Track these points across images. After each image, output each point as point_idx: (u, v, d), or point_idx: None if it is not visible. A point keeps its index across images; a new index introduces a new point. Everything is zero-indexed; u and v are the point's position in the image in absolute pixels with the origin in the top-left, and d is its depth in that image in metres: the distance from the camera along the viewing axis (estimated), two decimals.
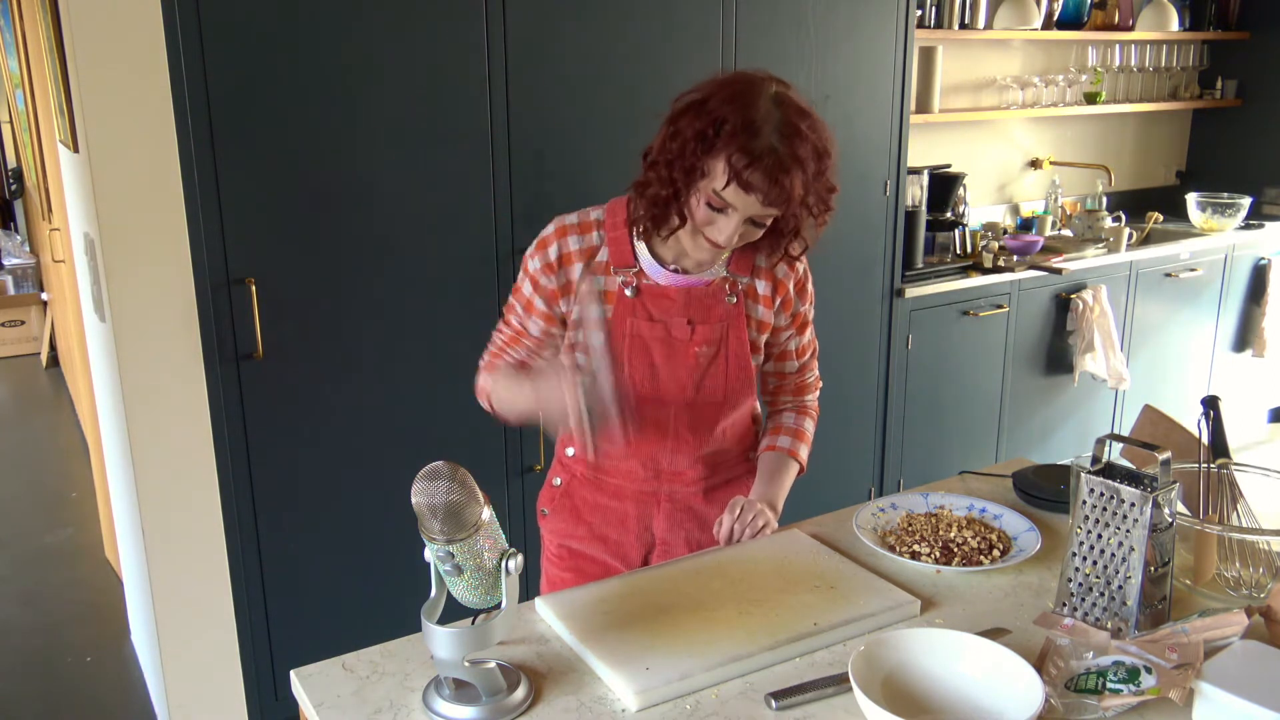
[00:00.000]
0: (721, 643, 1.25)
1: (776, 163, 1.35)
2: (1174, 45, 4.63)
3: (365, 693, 1.19)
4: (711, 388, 1.59)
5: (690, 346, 1.56)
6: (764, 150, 1.34)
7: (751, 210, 1.39)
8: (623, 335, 1.55)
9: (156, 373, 2.28)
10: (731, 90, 1.39)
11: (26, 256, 6.21)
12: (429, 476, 1.09)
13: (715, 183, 1.38)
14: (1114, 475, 1.29)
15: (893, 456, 3.55)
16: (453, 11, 2.42)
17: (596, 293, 1.54)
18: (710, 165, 1.38)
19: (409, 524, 1.17)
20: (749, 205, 1.38)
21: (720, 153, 1.36)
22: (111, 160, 2.16)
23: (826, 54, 3.04)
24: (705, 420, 1.61)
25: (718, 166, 1.37)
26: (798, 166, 1.36)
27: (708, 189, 1.39)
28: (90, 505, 3.86)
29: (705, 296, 1.56)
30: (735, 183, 1.36)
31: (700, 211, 1.41)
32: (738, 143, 1.35)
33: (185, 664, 2.45)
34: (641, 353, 1.56)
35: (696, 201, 1.41)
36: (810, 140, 1.38)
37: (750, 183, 1.35)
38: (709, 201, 1.40)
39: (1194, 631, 1.15)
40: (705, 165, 1.38)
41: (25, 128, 4.68)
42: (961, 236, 3.80)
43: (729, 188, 1.37)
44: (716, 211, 1.40)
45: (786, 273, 1.62)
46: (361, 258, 2.43)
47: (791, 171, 1.35)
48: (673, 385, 1.57)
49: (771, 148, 1.35)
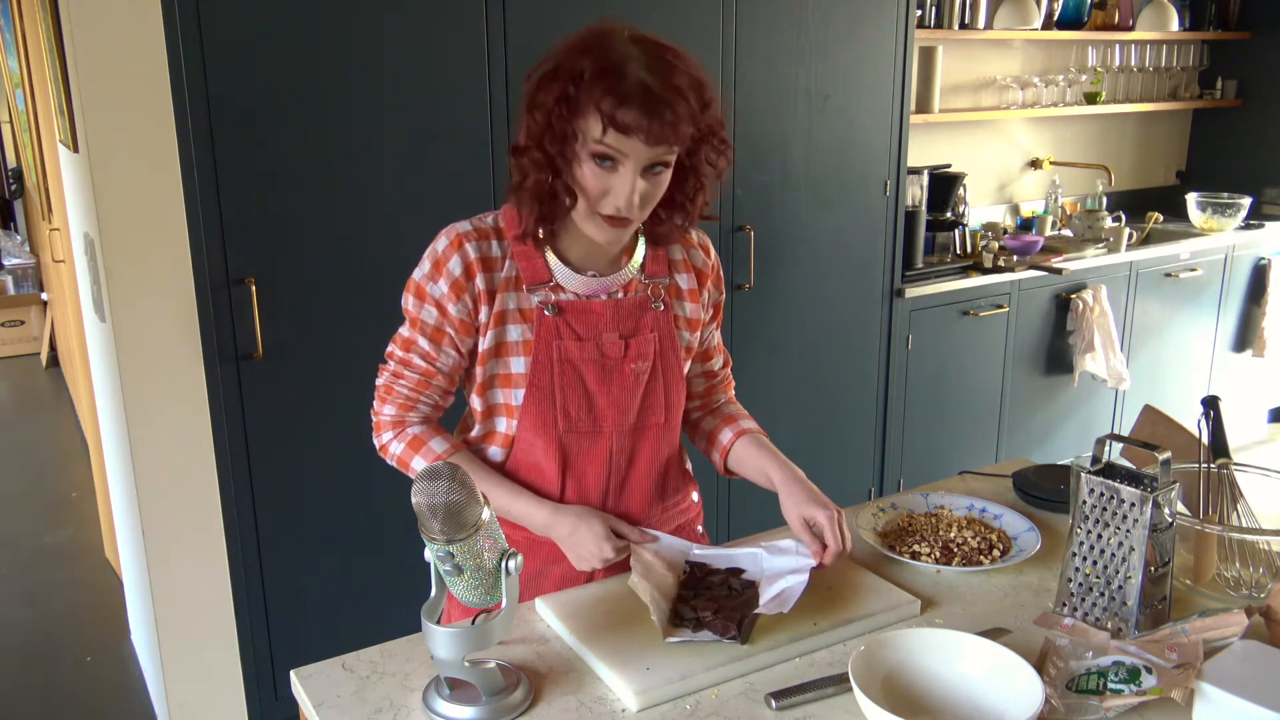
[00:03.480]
0: (721, 643, 1.25)
1: (651, 97, 1.22)
2: (1174, 45, 4.63)
3: (365, 693, 1.19)
4: (653, 408, 1.45)
5: (625, 365, 1.41)
6: (634, 87, 1.22)
7: (641, 156, 1.26)
8: (549, 362, 1.39)
9: (156, 373, 2.28)
10: (582, 44, 1.28)
11: (26, 256, 6.21)
12: (429, 476, 1.09)
13: (594, 136, 1.25)
14: (1114, 475, 1.29)
15: (893, 456, 3.55)
16: (453, 11, 2.42)
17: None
18: (582, 124, 1.26)
19: (409, 524, 1.17)
20: (636, 151, 1.25)
21: (588, 105, 1.24)
22: (111, 160, 2.16)
23: (826, 54, 3.04)
24: (650, 448, 1.47)
25: (590, 120, 1.25)
26: (676, 96, 1.24)
27: (588, 150, 1.26)
28: (90, 505, 3.86)
29: (633, 307, 1.43)
30: (612, 128, 1.23)
31: (591, 181, 1.28)
32: (602, 86, 1.23)
33: (185, 664, 2.45)
34: (573, 380, 1.40)
35: (582, 172, 1.28)
36: (682, 69, 1.26)
37: (627, 123, 1.22)
38: (595, 159, 1.27)
39: (1194, 631, 1.15)
40: (577, 126, 1.26)
41: (25, 128, 4.68)
42: (961, 236, 3.80)
43: (607, 135, 1.24)
44: (607, 172, 1.27)
45: (704, 261, 1.51)
46: (361, 258, 2.43)
47: (671, 103, 1.23)
48: (612, 412, 1.42)
49: (641, 82, 1.23)
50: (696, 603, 1.32)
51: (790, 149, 3.05)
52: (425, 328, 1.43)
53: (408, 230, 2.48)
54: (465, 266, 1.39)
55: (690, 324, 1.49)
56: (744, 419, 1.60)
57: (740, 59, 2.86)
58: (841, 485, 3.44)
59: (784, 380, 3.19)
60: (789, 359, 3.19)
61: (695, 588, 1.37)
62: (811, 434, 3.32)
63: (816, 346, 3.26)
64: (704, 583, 1.38)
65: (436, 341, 1.42)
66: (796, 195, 3.10)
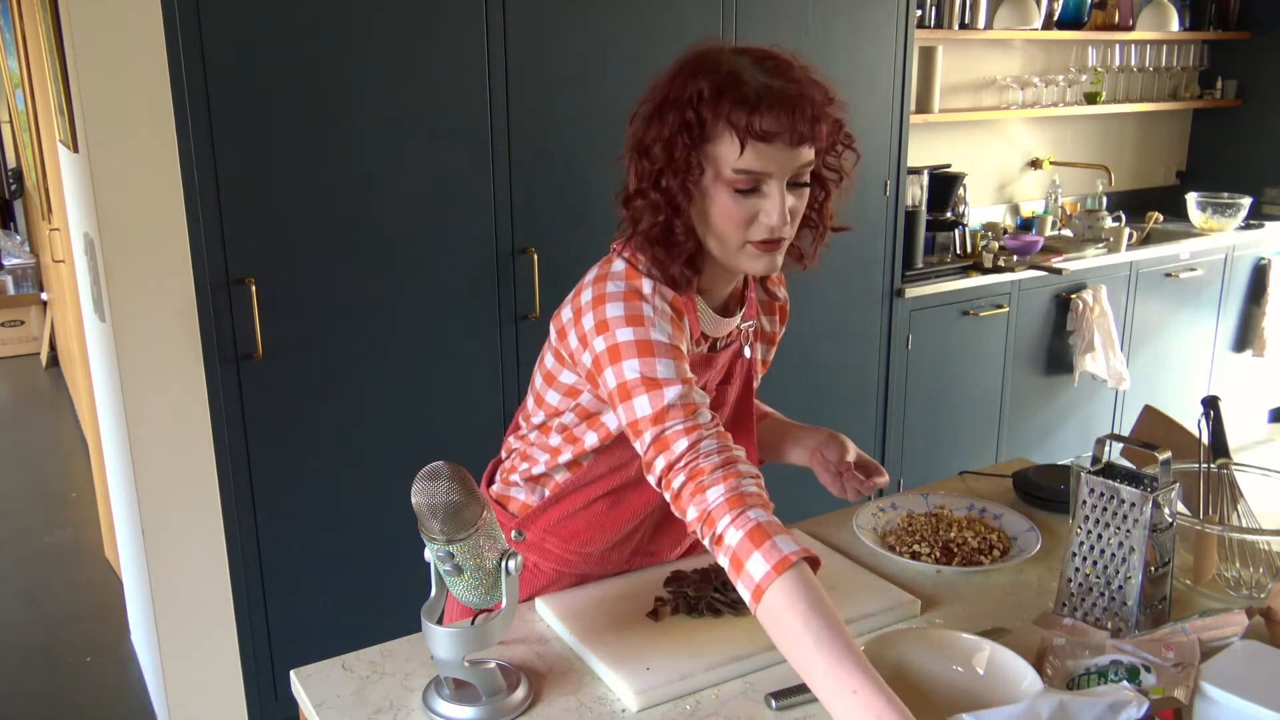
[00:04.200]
0: (721, 643, 1.25)
1: (780, 96, 1.13)
2: (1174, 45, 4.63)
3: (365, 693, 1.19)
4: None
5: None
6: (760, 91, 1.13)
7: (786, 165, 1.16)
8: None
9: (156, 373, 2.28)
10: (688, 69, 1.17)
11: (26, 256, 6.20)
12: (429, 476, 1.09)
13: (730, 160, 1.14)
14: (1114, 475, 1.29)
15: (893, 457, 3.55)
16: (453, 11, 2.42)
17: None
18: (712, 150, 1.16)
19: (409, 524, 1.17)
20: (781, 160, 1.15)
21: (717, 125, 1.14)
22: (111, 160, 2.16)
23: (826, 54, 3.04)
24: None
25: (722, 141, 1.15)
26: (807, 88, 1.15)
27: (725, 178, 1.16)
28: (90, 505, 3.86)
29: (730, 356, 1.35)
30: (751, 139, 1.12)
31: (734, 211, 1.17)
32: (729, 100, 1.13)
33: (185, 664, 2.45)
34: None
35: (719, 205, 1.18)
36: (798, 65, 1.18)
37: (767, 130, 1.12)
38: (737, 188, 1.16)
39: (1194, 631, 1.15)
40: (705, 153, 1.16)
41: (25, 128, 4.68)
42: (961, 236, 3.80)
43: (747, 151, 1.13)
44: (751, 195, 1.17)
45: (784, 295, 1.48)
46: (361, 258, 2.43)
47: (806, 96, 1.14)
48: None
49: (767, 86, 1.13)
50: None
51: None
52: (676, 351, 1.18)
53: (408, 230, 2.48)
54: (675, 308, 1.23)
55: (765, 364, 1.47)
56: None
57: None
58: None
59: (784, 380, 3.19)
60: (789, 359, 3.19)
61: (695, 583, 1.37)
62: None
63: (816, 346, 3.26)
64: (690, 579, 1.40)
65: (680, 359, 1.18)
66: None
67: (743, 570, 1.06)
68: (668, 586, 1.38)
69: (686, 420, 1.13)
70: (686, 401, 1.14)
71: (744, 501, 1.08)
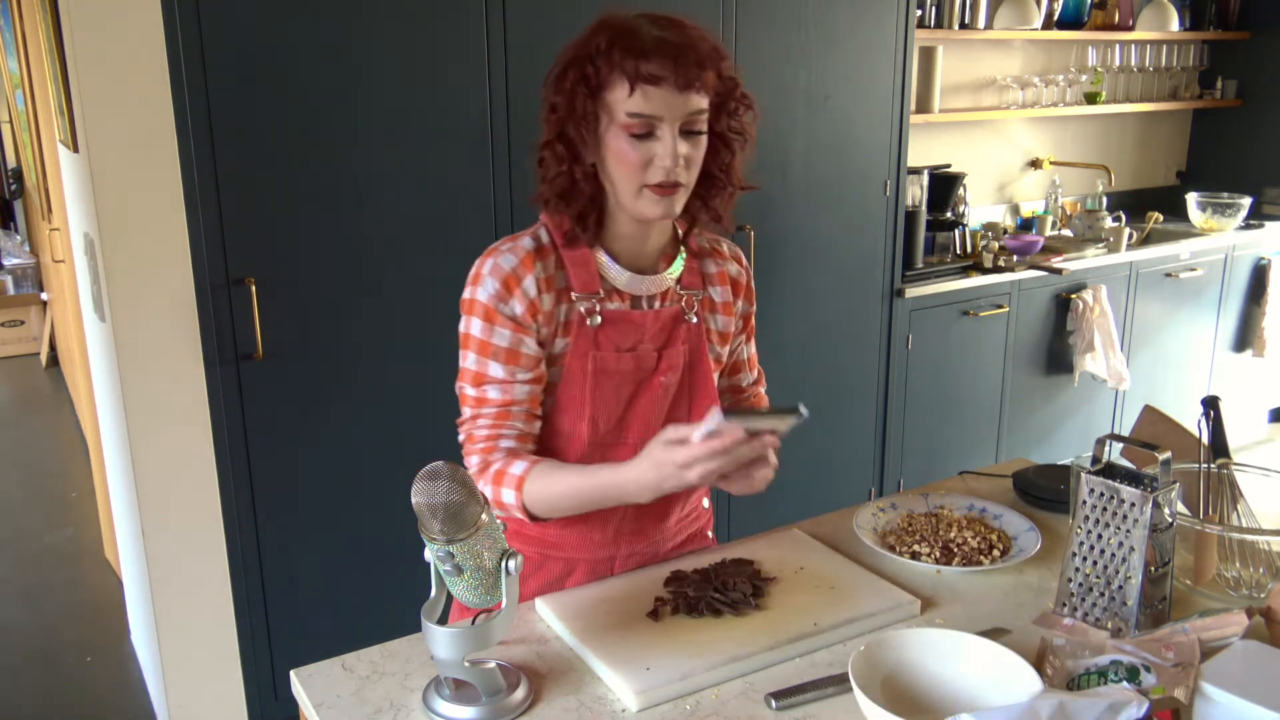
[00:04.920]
0: (721, 643, 1.25)
1: (671, 45, 1.24)
2: (1174, 45, 4.63)
3: (365, 693, 1.19)
4: (678, 420, 1.41)
5: (655, 377, 1.40)
6: (653, 42, 1.23)
7: (676, 110, 1.25)
8: (582, 373, 1.37)
9: (156, 373, 2.28)
10: (590, 30, 1.29)
11: (26, 256, 6.20)
12: (429, 476, 1.09)
13: (624, 105, 1.25)
14: (1114, 475, 1.29)
15: (893, 456, 3.55)
16: (453, 11, 2.42)
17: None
18: (608, 97, 1.26)
19: (409, 524, 1.17)
20: (670, 104, 1.25)
21: (610, 73, 1.25)
22: (111, 160, 2.16)
23: (826, 54, 3.04)
24: None
25: (616, 87, 1.25)
26: (695, 41, 1.25)
27: (620, 123, 1.26)
28: (90, 505, 3.86)
29: (668, 318, 1.41)
30: (640, 82, 1.23)
31: (631, 155, 1.26)
32: (621, 49, 1.24)
33: (185, 664, 2.45)
34: (609, 392, 1.38)
35: (618, 151, 1.27)
36: (691, 23, 1.28)
37: (653, 73, 1.23)
38: (632, 133, 1.26)
39: (1194, 631, 1.15)
40: (602, 101, 1.27)
41: (25, 128, 4.68)
42: (961, 236, 3.80)
43: (636, 94, 1.24)
44: (645, 139, 1.26)
45: (738, 271, 1.51)
46: (361, 258, 2.43)
47: (692, 45, 1.25)
48: (638, 425, 1.40)
49: (658, 37, 1.24)
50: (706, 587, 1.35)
51: (790, 149, 3.05)
52: (496, 351, 1.35)
53: (408, 230, 2.48)
54: (538, 284, 1.34)
55: (721, 337, 1.49)
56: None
57: (740, 59, 2.86)
58: (841, 485, 3.44)
59: (784, 380, 3.19)
60: (789, 359, 3.19)
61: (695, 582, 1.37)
62: (811, 434, 3.31)
63: (816, 346, 3.26)
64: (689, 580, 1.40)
65: (512, 363, 1.35)
66: (796, 195, 3.10)
67: (504, 475, 1.32)
68: (668, 586, 1.38)
69: (491, 424, 1.36)
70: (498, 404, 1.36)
71: (503, 476, 1.33)
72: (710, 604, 1.32)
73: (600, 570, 1.48)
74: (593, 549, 1.47)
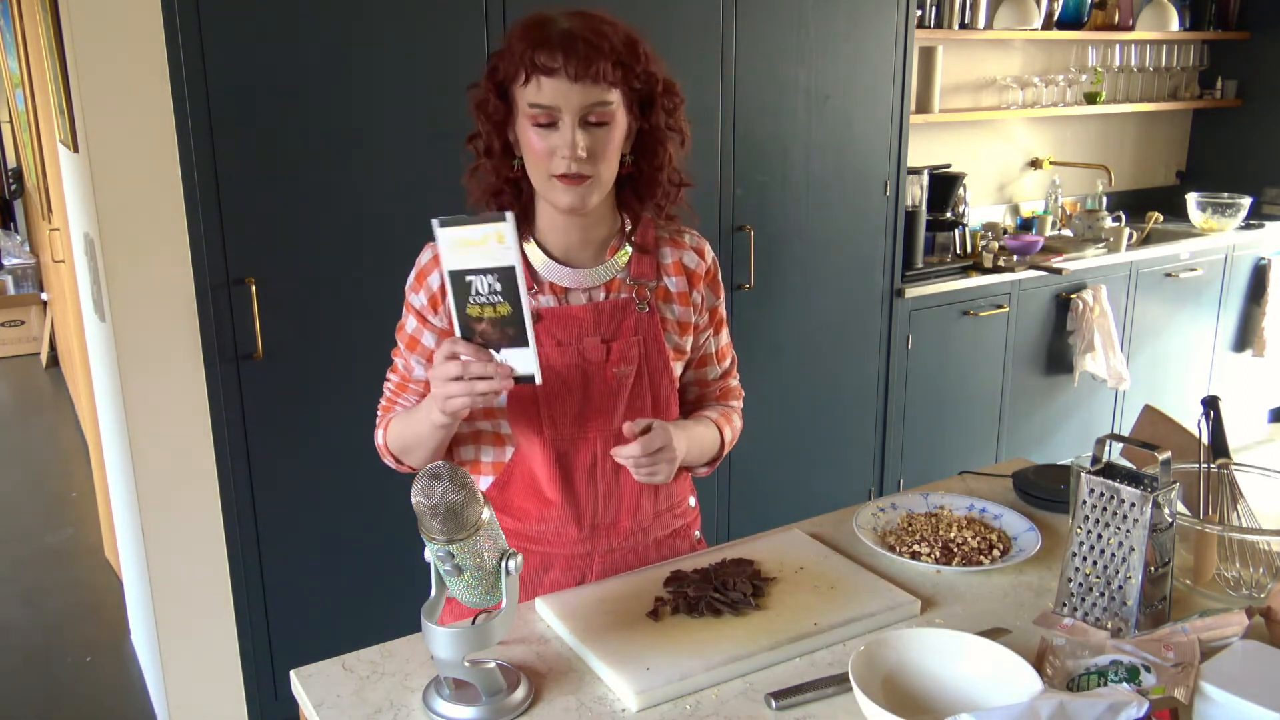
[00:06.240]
0: (721, 643, 1.25)
1: (570, 36, 1.25)
2: (1174, 45, 4.63)
3: (365, 693, 1.19)
4: (640, 411, 1.42)
5: (607, 368, 1.40)
6: (555, 35, 1.25)
7: (574, 101, 1.26)
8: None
9: (156, 373, 2.28)
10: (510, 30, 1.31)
11: (26, 256, 6.21)
12: (429, 476, 1.09)
13: (523, 95, 1.28)
14: (1114, 475, 1.29)
15: (893, 456, 3.55)
16: (453, 11, 2.42)
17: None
18: (515, 90, 1.29)
19: (409, 524, 1.17)
20: (567, 95, 1.26)
21: (514, 66, 1.27)
22: (111, 160, 2.16)
23: (826, 54, 3.04)
24: None
25: (519, 80, 1.28)
26: (596, 36, 1.26)
27: (525, 114, 1.28)
28: (90, 505, 3.86)
29: (614, 309, 1.41)
30: (536, 73, 1.25)
31: (537, 145, 1.29)
32: (523, 42, 1.26)
33: (185, 664, 2.45)
34: (558, 387, 1.38)
35: (526, 144, 1.31)
36: (608, 21, 1.29)
37: (546, 64, 1.24)
38: (536, 123, 1.28)
39: (1194, 631, 1.15)
40: (512, 95, 1.30)
41: (25, 128, 4.68)
42: (961, 236, 3.80)
43: (531, 84, 1.26)
44: (550, 130, 1.28)
45: (697, 262, 1.49)
46: (361, 258, 2.43)
47: (590, 40, 1.25)
48: (596, 417, 1.40)
49: (562, 29, 1.25)
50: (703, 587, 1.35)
51: (790, 149, 3.05)
52: (403, 336, 1.45)
53: (408, 230, 2.48)
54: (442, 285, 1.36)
55: (680, 327, 1.47)
56: (710, 409, 1.55)
57: (740, 59, 2.86)
58: (841, 485, 3.44)
59: (784, 380, 3.19)
60: (789, 359, 3.19)
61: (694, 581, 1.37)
62: (811, 434, 3.32)
63: (816, 346, 3.26)
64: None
65: (411, 350, 1.44)
66: (796, 195, 3.10)
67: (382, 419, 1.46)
68: (668, 586, 1.38)
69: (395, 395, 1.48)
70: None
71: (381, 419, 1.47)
72: (710, 604, 1.32)
73: (578, 566, 1.47)
74: (569, 544, 1.46)
